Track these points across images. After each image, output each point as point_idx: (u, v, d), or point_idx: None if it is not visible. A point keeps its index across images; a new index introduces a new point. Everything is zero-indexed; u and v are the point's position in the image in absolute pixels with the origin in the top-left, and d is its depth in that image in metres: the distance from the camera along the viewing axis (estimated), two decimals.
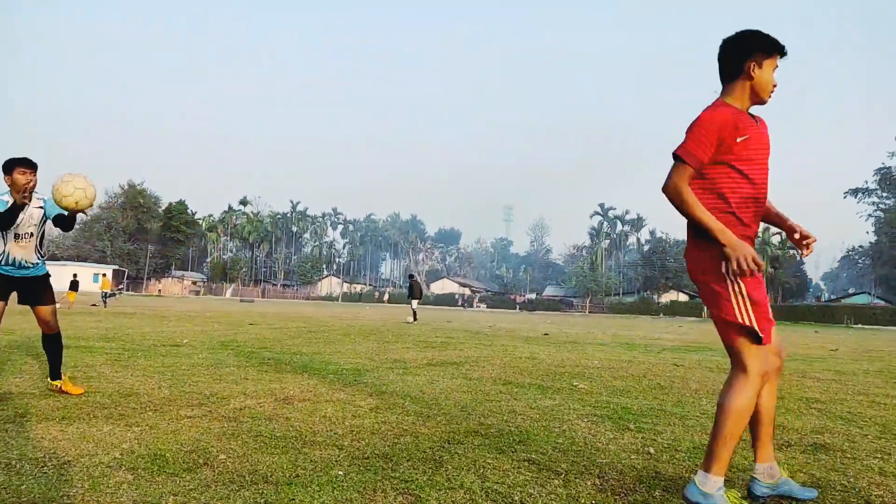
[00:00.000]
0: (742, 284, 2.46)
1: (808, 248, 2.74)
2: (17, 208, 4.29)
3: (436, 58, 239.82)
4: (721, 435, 2.45)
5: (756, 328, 2.44)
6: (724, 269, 2.47)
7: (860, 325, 47.58)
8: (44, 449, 3.14)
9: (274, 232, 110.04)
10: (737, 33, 2.65)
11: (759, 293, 2.49)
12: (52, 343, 4.80)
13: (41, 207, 4.64)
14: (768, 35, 2.62)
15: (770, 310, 2.54)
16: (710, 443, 2.50)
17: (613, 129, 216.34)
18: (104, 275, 29.10)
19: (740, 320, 2.46)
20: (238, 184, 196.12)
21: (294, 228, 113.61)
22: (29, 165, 4.38)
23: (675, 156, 2.52)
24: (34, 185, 4.41)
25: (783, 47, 2.62)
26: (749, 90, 2.61)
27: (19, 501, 2.41)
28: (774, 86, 2.65)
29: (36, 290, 4.71)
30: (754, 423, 2.64)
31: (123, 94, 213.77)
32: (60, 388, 4.68)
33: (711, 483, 2.43)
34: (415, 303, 21.56)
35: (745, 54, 2.59)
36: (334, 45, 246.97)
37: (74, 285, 26.15)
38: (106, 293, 27.03)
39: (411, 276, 23.22)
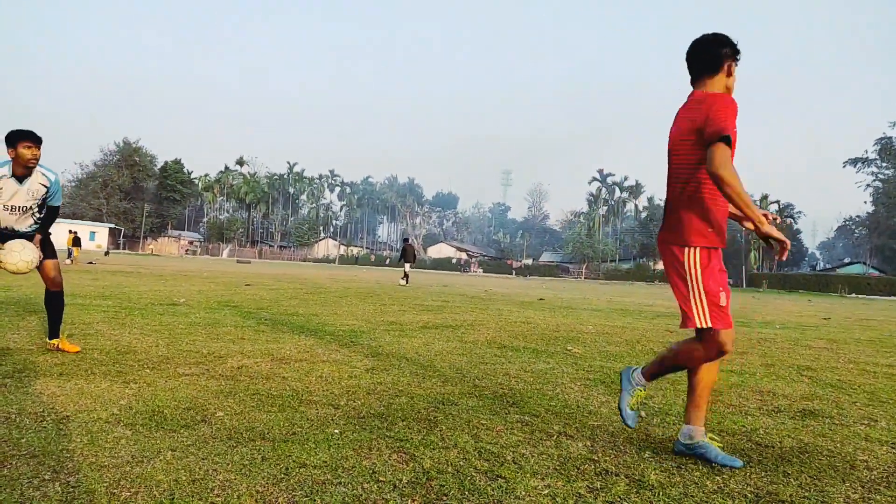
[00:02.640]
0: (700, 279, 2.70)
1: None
2: None
3: (437, 23, 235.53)
4: None
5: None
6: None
7: (854, 295, 47.94)
8: (43, 404, 3.17)
9: (271, 193, 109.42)
10: (715, 34, 2.82)
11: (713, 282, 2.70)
12: (56, 300, 4.78)
13: (46, 186, 4.52)
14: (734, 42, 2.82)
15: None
16: None
17: (614, 95, 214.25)
18: (71, 231, 28.90)
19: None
20: (235, 144, 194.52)
21: (291, 190, 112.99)
22: (34, 139, 4.32)
23: (725, 137, 2.51)
24: (37, 160, 4.37)
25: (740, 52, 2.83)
26: (724, 87, 2.79)
27: (19, 454, 2.44)
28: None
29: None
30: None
31: (120, 51, 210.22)
32: (58, 346, 4.69)
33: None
34: (407, 266, 22.02)
35: (726, 55, 2.77)
36: (338, 10, 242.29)
37: (77, 241, 26.91)
38: (70, 249, 26.90)
39: (405, 240, 23.68)
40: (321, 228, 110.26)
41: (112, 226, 78.59)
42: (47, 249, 4.72)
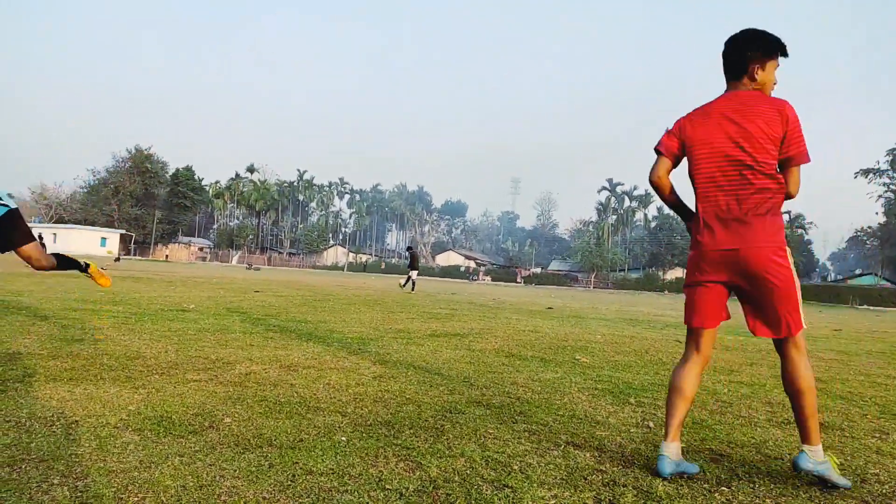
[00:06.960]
0: None
1: None
2: None
3: (446, 34, 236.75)
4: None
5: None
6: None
7: (866, 306, 47.48)
8: (52, 409, 3.19)
9: (280, 200, 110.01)
10: (741, 33, 2.71)
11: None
12: (56, 269, 4.31)
13: None
14: (770, 36, 2.69)
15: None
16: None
17: (623, 103, 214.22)
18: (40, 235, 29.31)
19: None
20: (245, 151, 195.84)
21: (301, 197, 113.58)
22: None
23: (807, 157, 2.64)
24: None
25: (784, 47, 2.71)
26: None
27: (29, 458, 2.46)
28: (774, 83, 2.75)
29: (4, 233, 3.94)
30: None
31: (132, 59, 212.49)
32: (91, 275, 4.62)
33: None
34: (414, 273, 22.95)
35: (749, 57, 2.68)
36: (345, 20, 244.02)
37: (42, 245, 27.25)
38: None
39: (409, 248, 24.55)
40: (330, 236, 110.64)
41: (123, 232, 79.14)
42: (20, 233, 3.98)
